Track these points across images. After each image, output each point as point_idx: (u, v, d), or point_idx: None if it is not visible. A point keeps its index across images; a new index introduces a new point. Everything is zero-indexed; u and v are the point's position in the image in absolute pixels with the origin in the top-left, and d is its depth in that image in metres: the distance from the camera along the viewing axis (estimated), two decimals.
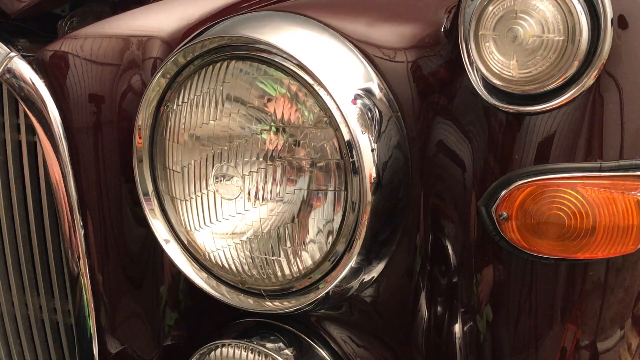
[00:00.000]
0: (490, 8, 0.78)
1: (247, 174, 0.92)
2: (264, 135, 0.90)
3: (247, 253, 0.95)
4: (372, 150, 0.86)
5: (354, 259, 0.89)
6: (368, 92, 0.89)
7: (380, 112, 0.88)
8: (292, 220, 0.91)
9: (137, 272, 1.09)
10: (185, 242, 1.00)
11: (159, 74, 0.95)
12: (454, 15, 0.84)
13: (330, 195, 0.89)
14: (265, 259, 0.94)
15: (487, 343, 0.89)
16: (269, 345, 1.01)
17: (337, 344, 1.02)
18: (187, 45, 0.93)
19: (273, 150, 0.90)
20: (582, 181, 0.79)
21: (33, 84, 1.03)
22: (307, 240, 0.91)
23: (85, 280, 1.06)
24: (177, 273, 1.02)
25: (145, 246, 1.06)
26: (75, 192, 1.04)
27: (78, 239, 1.05)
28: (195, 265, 1.01)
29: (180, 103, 0.95)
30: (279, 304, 0.96)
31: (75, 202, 1.04)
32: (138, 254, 1.08)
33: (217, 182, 0.94)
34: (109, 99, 1.03)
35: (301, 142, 0.89)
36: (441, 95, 0.87)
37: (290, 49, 0.87)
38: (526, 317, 0.86)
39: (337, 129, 0.86)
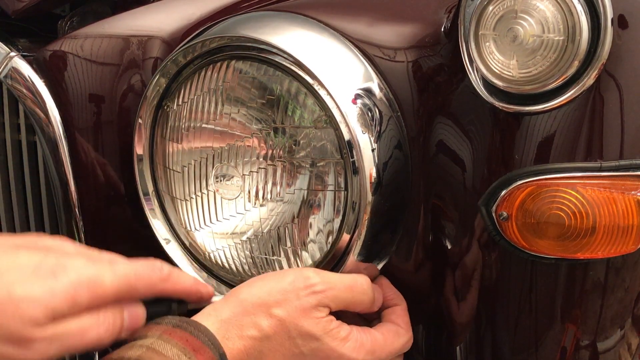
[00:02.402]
0: (491, 8, 0.78)
1: (247, 173, 0.92)
2: (264, 135, 0.90)
3: (247, 253, 0.95)
4: (373, 150, 0.86)
5: (354, 259, 0.89)
6: (368, 92, 0.89)
7: (380, 112, 0.88)
8: (292, 220, 0.91)
9: None
10: (186, 242, 1.00)
11: (159, 73, 0.95)
12: (454, 15, 0.84)
13: (330, 195, 0.89)
14: (266, 258, 0.94)
15: (487, 343, 0.89)
16: None
17: None
18: (187, 45, 0.93)
19: (273, 150, 0.90)
20: (582, 181, 0.79)
21: (33, 83, 1.03)
22: (307, 240, 0.92)
23: None
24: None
25: (146, 246, 1.06)
26: (75, 192, 1.04)
27: (78, 239, 1.05)
28: (196, 265, 1.01)
29: (180, 103, 0.95)
30: None
31: (76, 202, 1.04)
32: (138, 254, 1.07)
33: (217, 182, 0.94)
34: (109, 98, 1.03)
35: (301, 142, 0.89)
36: (441, 95, 0.87)
37: (290, 49, 0.87)
38: (526, 317, 0.86)
39: (337, 128, 0.86)
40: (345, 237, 0.88)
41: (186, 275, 0.83)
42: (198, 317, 0.79)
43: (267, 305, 0.81)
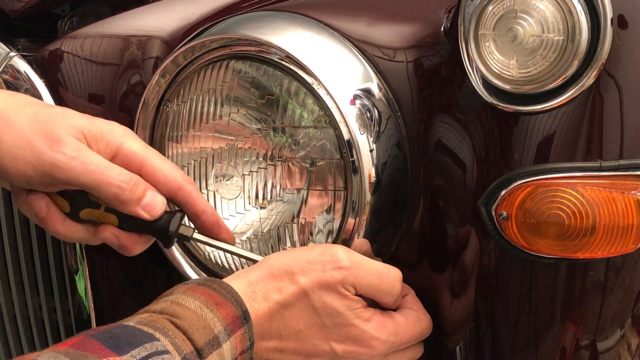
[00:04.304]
0: (490, 8, 0.78)
1: (247, 173, 0.92)
2: (264, 135, 0.90)
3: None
4: (371, 151, 0.86)
5: None
6: (367, 92, 0.89)
7: (379, 112, 0.88)
8: (292, 220, 0.91)
9: (137, 272, 1.09)
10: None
11: (159, 73, 0.95)
12: (453, 15, 0.84)
13: (330, 194, 0.89)
14: None
15: (487, 343, 0.89)
16: None
17: None
18: (187, 45, 0.93)
19: (273, 150, 0.90)
20: (582, 181, 0.79)
21: (33, 83, 1.04)
22: (307, 240, 0.92)
23: (85, 280, 1.06)
24: (178, 273, 1.02)
25: None
26: None
27: None
28: (196, 265, 1.01)
29: (180, 103, 0.95)
30: None
31: None
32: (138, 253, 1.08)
33: (217, 182, 0.94)
34: (109, 98, 1.03)
35: (301, 141, 0.89)
36: (441, 95, 0.87)
37: (290, 49, 0.87)
38: (526, 317, 0.86)
39: (336, 128, 0.86)
40: (345, 236, 0.88)
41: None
42: (227, 279, 0.82)
43: (292, 272, 0.82)
